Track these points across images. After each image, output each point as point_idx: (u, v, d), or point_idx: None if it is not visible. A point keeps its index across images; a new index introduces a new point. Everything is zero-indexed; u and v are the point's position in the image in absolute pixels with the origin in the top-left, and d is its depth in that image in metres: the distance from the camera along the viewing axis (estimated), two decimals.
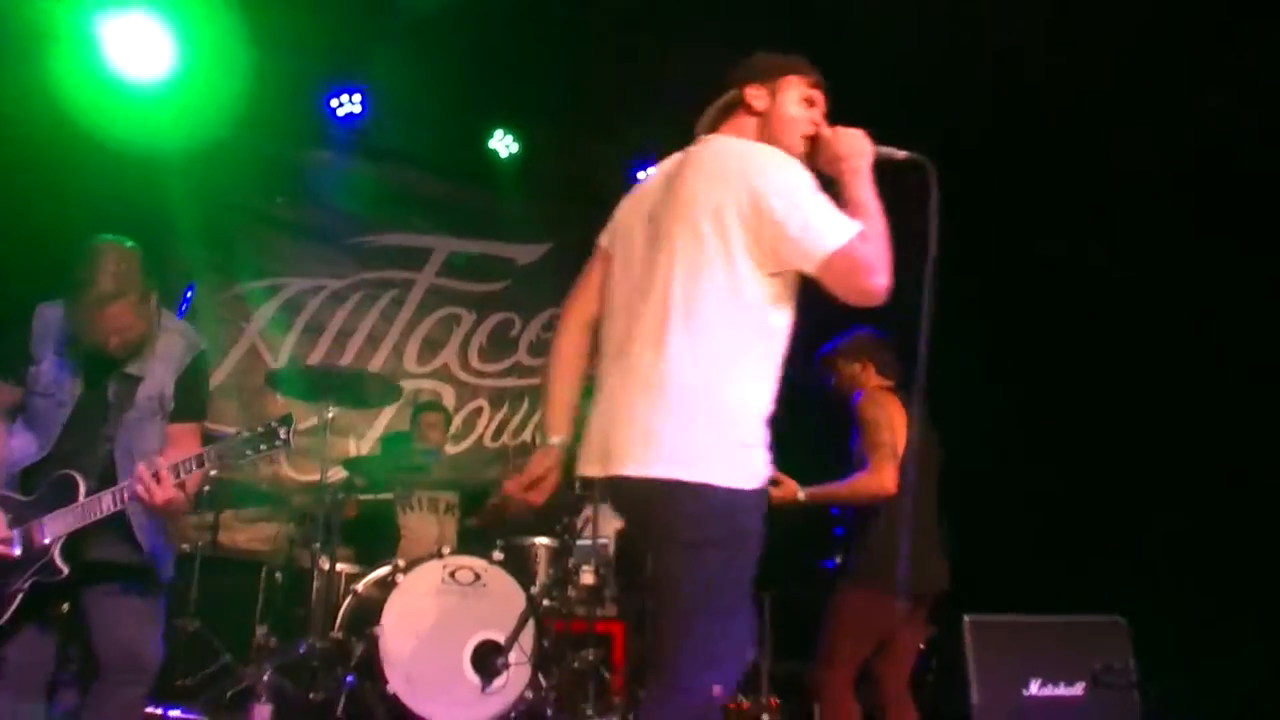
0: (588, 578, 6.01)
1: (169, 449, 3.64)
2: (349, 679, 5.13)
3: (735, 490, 2.64)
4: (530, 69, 6.87)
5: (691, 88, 6.75)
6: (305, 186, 7.51)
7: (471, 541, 6.22)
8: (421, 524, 6.41)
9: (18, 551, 3.44)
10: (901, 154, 2.94)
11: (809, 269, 2.70)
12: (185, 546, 6.16)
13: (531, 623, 5.41)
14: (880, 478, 4.41)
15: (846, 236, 2.66)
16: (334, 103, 7.34)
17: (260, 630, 5.88)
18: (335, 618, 5.48)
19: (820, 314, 2.94)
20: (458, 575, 5.38)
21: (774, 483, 4.39)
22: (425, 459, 6.36)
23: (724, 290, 2.73)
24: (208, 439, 3.66)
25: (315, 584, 5.61)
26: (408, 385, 7.28)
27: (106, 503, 3.46)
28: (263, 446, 3.39)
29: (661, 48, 6.69)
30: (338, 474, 6.17)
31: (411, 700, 4.99)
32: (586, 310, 3.10)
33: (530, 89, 7.20)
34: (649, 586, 2.77)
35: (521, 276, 8.27)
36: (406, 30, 6.59)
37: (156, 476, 3.36)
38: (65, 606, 3.68)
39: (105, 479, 3.55)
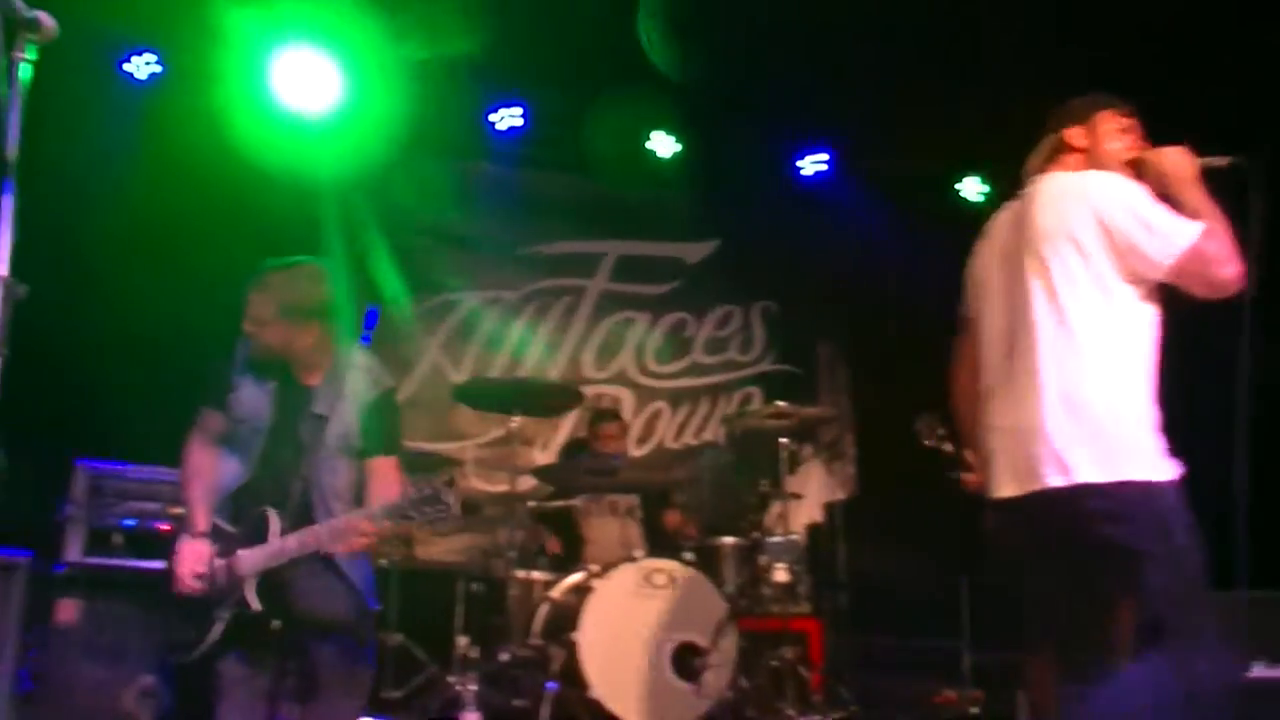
0: (781, 575, 5.94)
1: (373, 484, 3.75)
2: (550, 685, 5.15)
3: (1155, 484, 2.83)
4: (684, 67, 6.85)
5: (843, 76, 6.75)
6: (474, 202, 7.61)
7: (658, 544, 6.21)
8: (606, 528, 6.40)
9: (207, 587, 3.56)
10: (1223, 161, 3.10)
11: (1161, 274, 2.94)
12: (383, 562, 6.31)
13: (730, 623, 5.37)
14: None
15: (1192, 236, 2.89)
16: (494, 117, 7.44)
17: (461, 640, 5.97)
18: (532, 625, 5.52)
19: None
20: (653, 578, 5.36)
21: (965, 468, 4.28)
22: (611, 463, 6.36)
23: (1091, 304, 2.96)
24: None
25: (511, 592, 5.68)
26: (588, 391, 7.30)
27: (292, 544, 3.53)
28: (426, 510, 3.41)
29: (814, 39, 6.65)
30: (527, 483, 6.23)
31: (614, 704, 4.99)
32: (970, 385, 3.35)
33: (685, 88, 7.19)
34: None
35: (692, 275, 8.23)
36: (562, 43, 6.66)
37: (349, 530, 3.48)
38: (277, 624, 3.69)
39: (299, 517, 3.61)
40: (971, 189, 8.32)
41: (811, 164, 8.12)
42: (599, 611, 5.17)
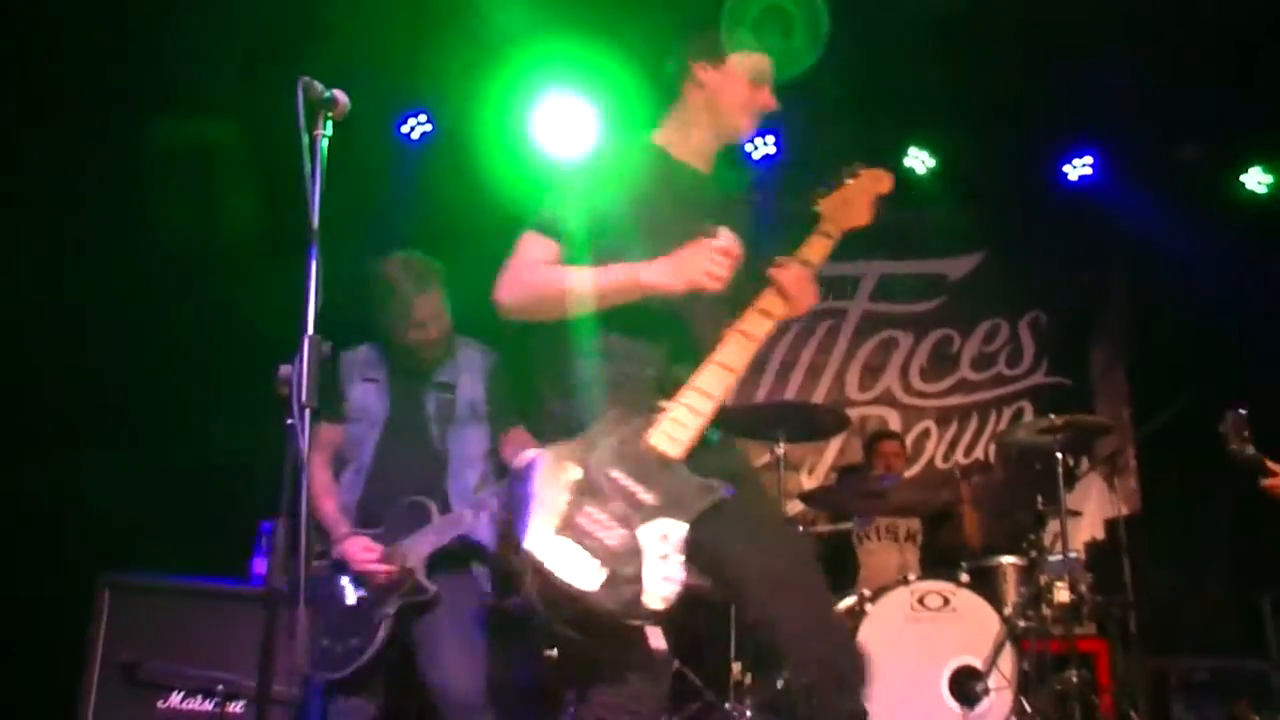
0: (1062, 594, 5.77)
1: (506, 453, 3.93)
2: None
3: None
4: (936, 80, 6.78)
5: (1094, 80, 6.53)
6: (736, 230, 7.70)
7: (934, 567, 6.12)
8: (882, 553, 6.35)
9: (394, 575, 3.72)
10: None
11: None
12: None
13: (1009, 645, 5.26)
14: None
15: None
16: (749, 148, 7.53)
17: (736, 667, 6.04)
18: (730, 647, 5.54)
19: None
20: (926, 600, 5.31)
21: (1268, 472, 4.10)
22: (882, 485, 6.32)
23: None
24: None
25: None
26: (853, 414, 7.27)
27: (468, 519, 3.77)
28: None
29: (1068, 42, 6.47)
30: (795, 507, 6.26)
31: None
32: None
33: (937, 102, 7.11)
34: None
35: (956, 291, 8.09)
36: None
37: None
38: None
39: (440, 494, 3.85)
40: (1254, 179, 7.86)
41: (1078, 168, 7.85)
42: (873, 636, 5.17)
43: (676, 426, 2.72)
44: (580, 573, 2.52)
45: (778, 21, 6.39)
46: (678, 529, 2.60)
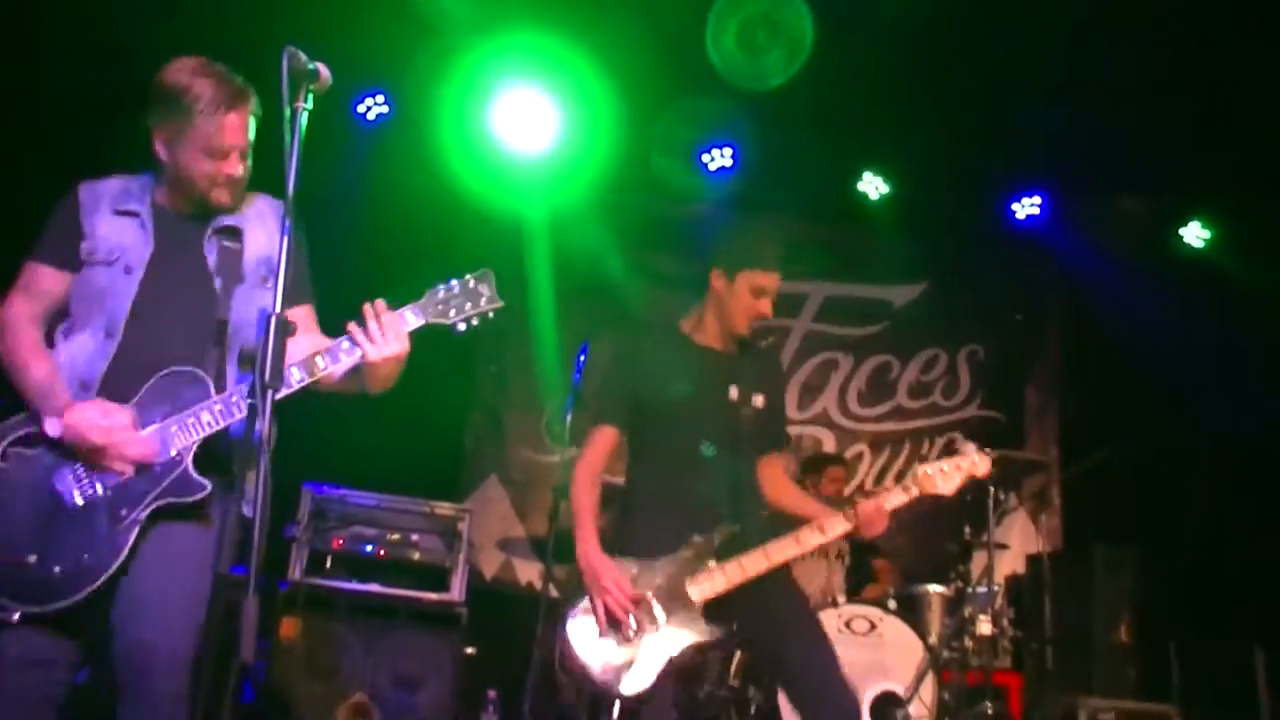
0: (984, 627, 5.82)
1: (301, 335, 2.89)
2: None
3: None
4: (898, 109, 6.82)
5: (1049, 122, 6.62)
6: (685, 241, 7.70)
7: (858, 590, 6.14)
8: (812, 567, 6.36)
9: (152, 453, 2.78)
10: None
11: None
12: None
13: (930, 674, 5.29)
14: None
15: None
16: (706, 158, 7.52)
17: None
18: (730, 666, 5.52)
19: None
20: (853, 624, 5.32)
21: None
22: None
23: None
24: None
25: None
26: (789, 431, 7.28)
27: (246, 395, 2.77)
28: (469, 305, 2.97)
29: (1028, 85, 6.55)
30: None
31: None
32: None
33: (896, 130, 7.15)
34: None
35: (898, 318, 8.14)
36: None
37: (383, 324, 2.85)
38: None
39: (214, 370, 2.88)
40: (1193, 234, 8.01)
41: (1025, 207, 7.94)
42: None
43: (709, 584, 3.54)
44: (589, 651, 3.47)
45: (763, 30, 6.49)
46: (670, 646, 3.48)
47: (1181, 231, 8.04)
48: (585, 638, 3.48)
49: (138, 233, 2.94)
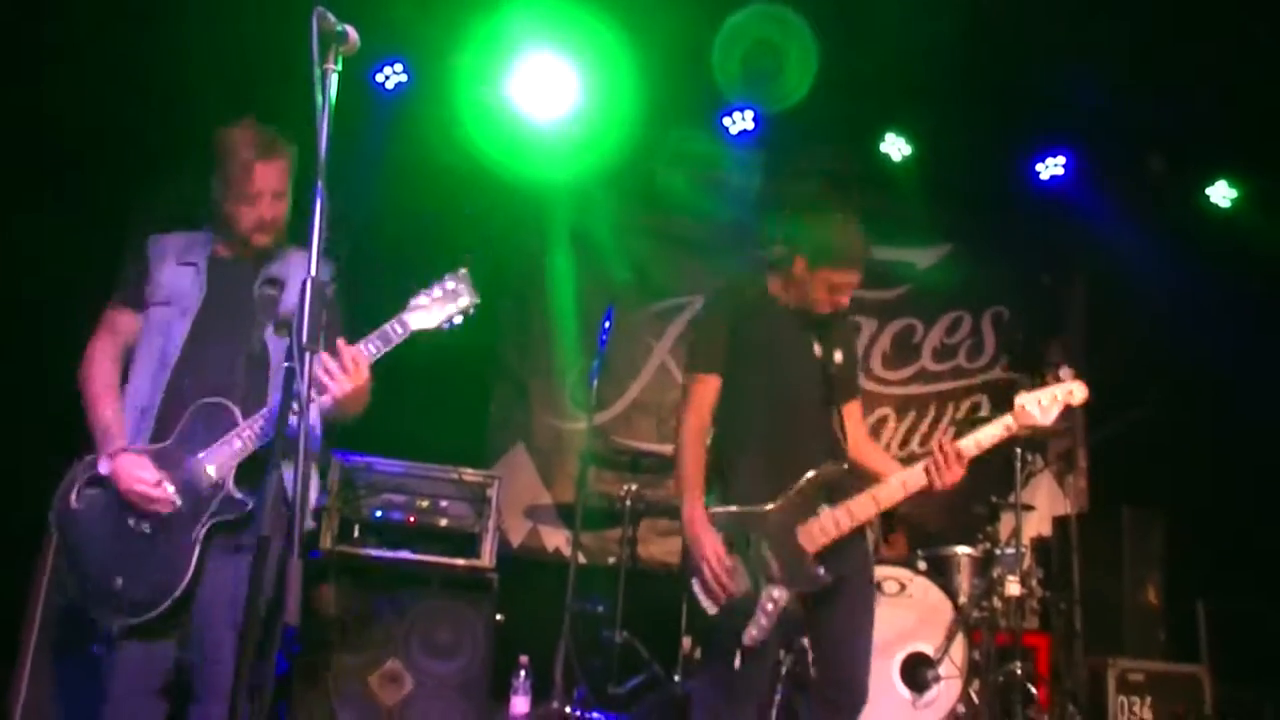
0: (1013, 588, 5.82)
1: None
2: (779, 691, 5.15)
3: None
4: (919, 70, 6.76)
5: (1074, 81, 6.57)
6: (706, 205, 7.67)
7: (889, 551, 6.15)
8: None
9: (178, 501, 3.17)
10: None
11: None
12: (611, 560, 6.43)
13: (961, 634, 5.29)
14: None
15: None
16: (727, 121, 7.47)
17: (686, 641, 6.02)
18: None
19: None
20: (884, 586, 5.32)
21: None
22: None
23: None
24: None
25: None
26: None
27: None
28: (450, 308, 3.31)
29: (1051, 43, 6.49)
30: None
31: None
32: None
33: (921, 90, 7.09)
34: None
35: (922, 280, 8.09)
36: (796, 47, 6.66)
37: (344, 362, 3.14)
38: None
39: (252, 400, 3.27)
40: (1219, 193, 7.94)
41: (1050, 167, 7.88)
42: None
43: (819, 531, 3.59)
44: (708, 602, 3.54)
45: (768, 56, 6.52)
46: (784, 595, 3.53)
47: (1208, 191, 7.97)
48: (704, 594, 3.52)
49: (194, 279, 3.40)
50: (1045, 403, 3.84)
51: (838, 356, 3.92)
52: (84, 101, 5.78)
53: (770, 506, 3.60)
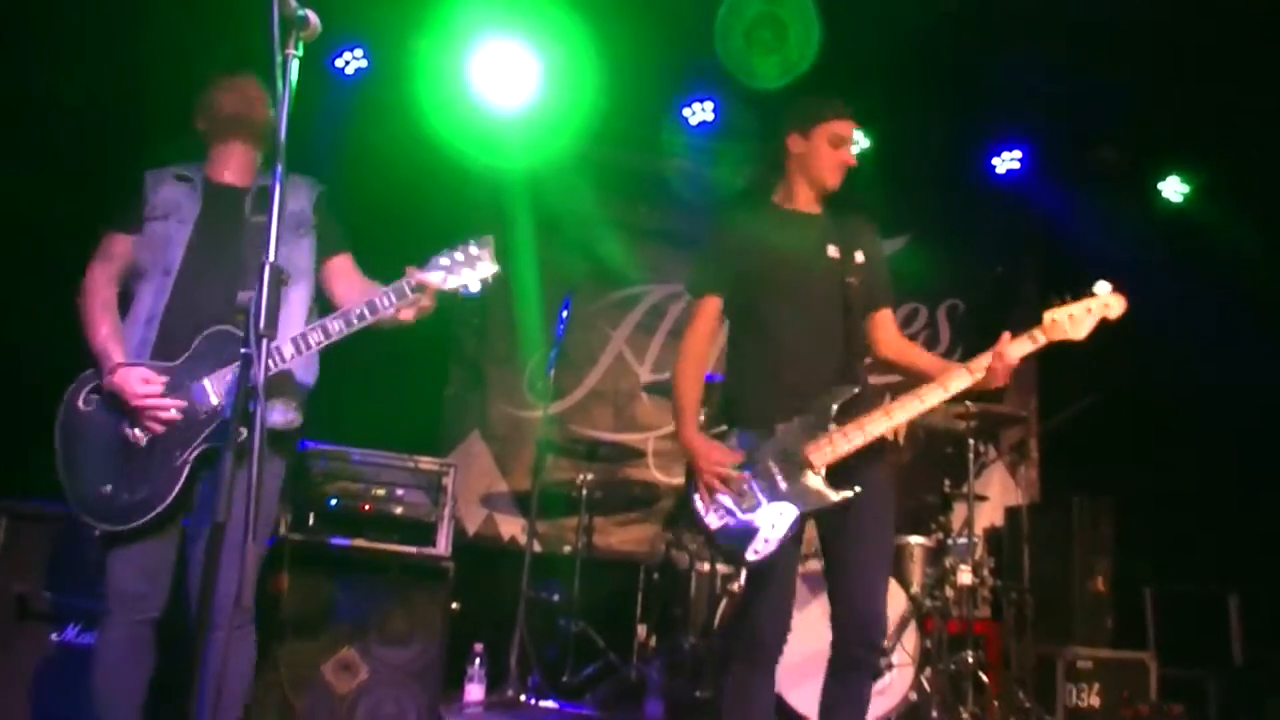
0: (965, 577, 5.88)
1: (342, 282, 3.61)
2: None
3: None
4: (877, 63, 6.79)
5: (1029, 75, 6.61)
6: (666, 194, 7.68)
7: None
8: None
9: (177, 415, 3.24)
10: None
11: None
12: (566, 548, 6.45)
13: (913, 623, 5.34)
14: None
15: None
16: (687, 112, 7.48)
17: (641, 629, 6.05)
18: (715, 618, 5.56)
19: None
20: None
21: None
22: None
23: None
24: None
25: (693, 584, 5.73)
26: None
27: (287, 354, 3.26)
28: (468, 274, 3.39)
29: (1008, 37, 6.54)
30: None
31: (795, 700, 5.02)
32: None
33: (878, 83, 7.12)
34: None
35: None
36: (753, 39, 6.67)
37: (416, 287, 3.31)
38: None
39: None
40: (1172, 188, 8.04)
41: (1005, 161, 7.94)
42: None
43: (829, 449, 3.45)
44: (710, 516, 3.47)
45: (771, 29, 6.49)
46: (791, 513, 3.42)
47: (1160, 186, 8.07)
48: (708, 508, 3.46)
49: (190, 194, 3.50)
50: (1078, 315, 3.61)
51: (859, 257, 3.72)
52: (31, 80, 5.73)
53: (779, 428, 3.49)
